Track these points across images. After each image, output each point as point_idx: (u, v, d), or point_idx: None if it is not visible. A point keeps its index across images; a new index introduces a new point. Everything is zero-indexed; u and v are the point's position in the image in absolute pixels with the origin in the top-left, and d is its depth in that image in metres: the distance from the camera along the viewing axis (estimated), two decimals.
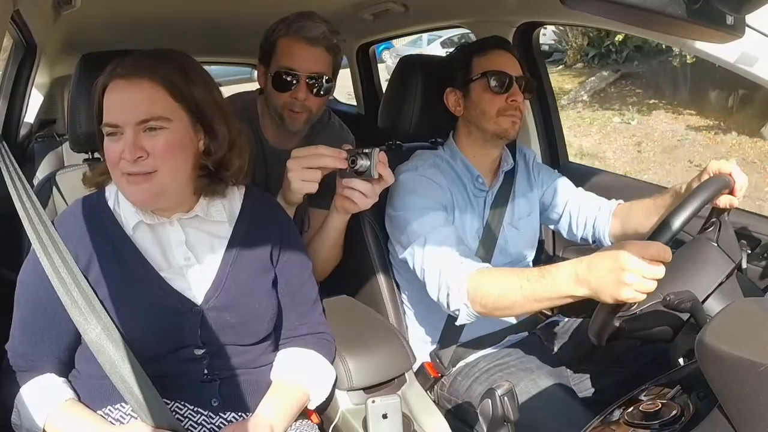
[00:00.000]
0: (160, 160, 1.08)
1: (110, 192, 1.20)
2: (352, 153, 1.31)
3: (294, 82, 1.58)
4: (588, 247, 1.77)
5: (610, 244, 1.65)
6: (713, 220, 1.31)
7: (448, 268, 1.35)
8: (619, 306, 1.11)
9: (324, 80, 1.61)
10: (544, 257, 2.10)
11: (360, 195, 1.33)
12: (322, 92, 1.62)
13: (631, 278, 1.05)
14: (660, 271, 1.05)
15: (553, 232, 2.02)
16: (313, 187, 1.35)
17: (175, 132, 1.09)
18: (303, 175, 1.33)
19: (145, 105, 1.07)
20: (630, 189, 2.03)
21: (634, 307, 1.17)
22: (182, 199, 1.16)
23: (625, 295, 1.06)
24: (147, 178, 1.08)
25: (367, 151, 1.31)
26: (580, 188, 1.75)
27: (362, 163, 1.30)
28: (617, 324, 1.16)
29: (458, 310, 1.33)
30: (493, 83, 1.53)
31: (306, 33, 1.57)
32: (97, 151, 1.43)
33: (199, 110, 1.12)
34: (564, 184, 1.76)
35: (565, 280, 1.16)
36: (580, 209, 1.71)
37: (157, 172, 1.08)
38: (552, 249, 2.14)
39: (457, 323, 1.38)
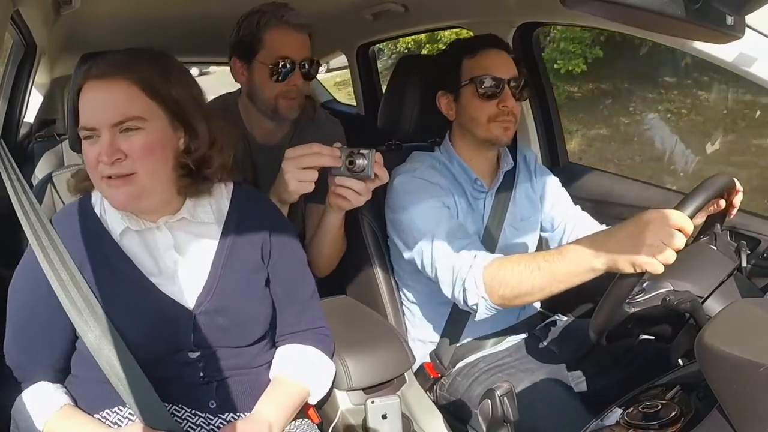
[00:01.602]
0: (138, 161, 1.06)
1: (96, 198, 1.18)
2: (348, 152, 1.31)
3: (290, 70, 1.60)
4: None
5: None
6: (708, 231, 1.30)
7: (460, 262, 1.33)
8: (629, 288, 1.10)
9: (313, 64, 1.65)
10: None
11: (354, 193, 1.34)
12: (312, 75, 1.66)
13: (651, 239, 1.05)
14: (679, 239, 1.05)
15: None
16: (310, 187, 1.35)
17: (153, 132, 1.07)
18: (300, 175, 1.33)
19: (120, 106, 1.05)
20: (631, 189, 2.03)
21: (639, 295, 1.15)
22: (166, 201, 1.14)
23: (644, 256, 1.05)
24: (126, 181, 1.06)
25: (364, 151, 1.30)
26: (578, 206, 1.72)
27: (360, 163, 1.30)
28: (627, 310, 1.15)
29: (476, 304, 1.31)
30: (482, 89, 1.48)
31: (295, 20, 1.60)
32: None
33: (177, 108, 1.10)
34: (564, 196, 1.73)
35: (585, 253, 1.14)
36: (575, 226, 1.68)
37: (136, 174, 1.06)
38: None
39: (476, 319, 1.36)
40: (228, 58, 1.69)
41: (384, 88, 2.79)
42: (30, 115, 3.09)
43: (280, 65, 1.59)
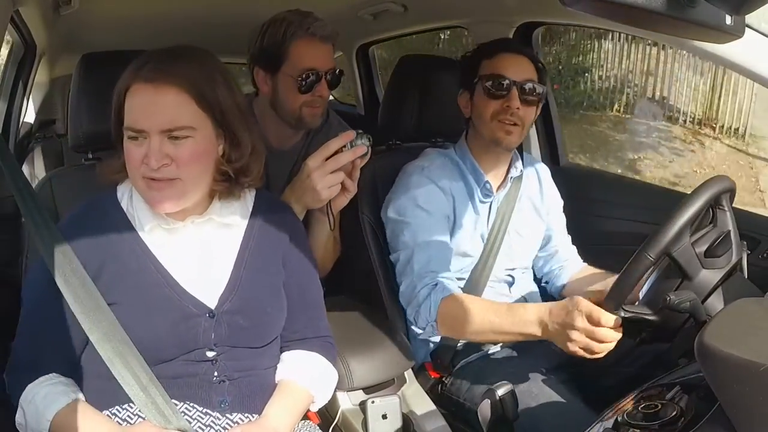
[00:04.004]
0: (183, 167, 1.07)
1: (122, 192, 1.18)
2: (354, 136, 1.33)
3: (316, 81, 1.60)
4: None
5: (557, 295, 1.68)
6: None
7: (422, 287, 1.43)
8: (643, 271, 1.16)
9: (337, 73, 1.65)
10: None
11: (352, 183, 1.36)
12: (335, 84, 1.67)
13: (576, 336, 1.17)
14: (605, 334, 1.15)
15: None
16: (338, 189, 1.35)
17: (200, 140, 1.08)
18: (329, 181, 1.33)
19: (171, 113, 1.05)
20: (630, 189, 2.03)
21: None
22: (198, 202, 1.15)
23: (571, 350, 1.19)
24: (170, 184, 1.07)
25: (360, 132, 1.34)
26: (568, 237, 1.75)
27: (367, 143, 1.34)
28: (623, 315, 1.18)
29: (423, 328, 1.44)
30: (488, 87, 1.51)
31: (321, 32, 1.59)
32: (98, 151, 1.43)
33: (222, 117, 1.11)
34: (558, 224, 1.75)
35: (529, 323, 1.28)
36: (555, 255, 1.72)
37: (179, 180, 1.07)
38: None
39: (419, 337, 1.48)
40: (248, 66, 1.68)
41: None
42: (30, 115, 3.10)
43: (307, 77, 1.59)
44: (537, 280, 1.76)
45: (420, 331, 1.46)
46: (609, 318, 1.14)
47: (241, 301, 1.16)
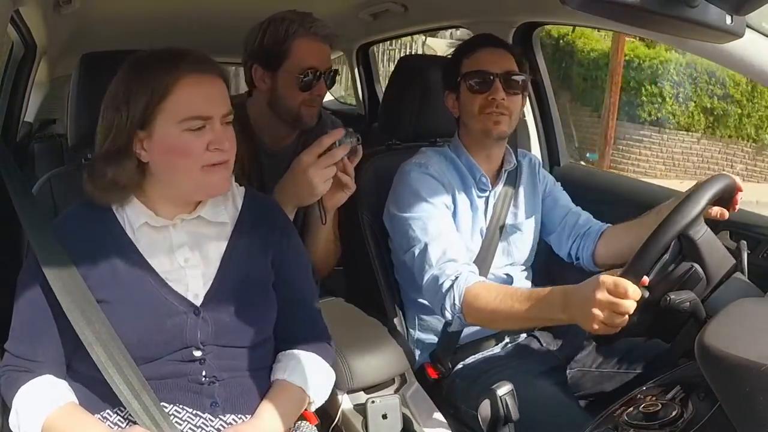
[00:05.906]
0: (230, 150, 1.14)
1: None
2: (345, 133, 1.36)
3: (316, 80, 1.61)
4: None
5: (592, 266, 1.64)
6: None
7: (445, 279, 1.40)
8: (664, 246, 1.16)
9: (332, 73, 1.66)
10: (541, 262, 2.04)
11: (349, 179, 1.38)
12: (332, 84, 1.68)
13: (599, 312, 1.11)
14: (629, 306, 1.10)
15: None
16: (330, 184, 1.37)
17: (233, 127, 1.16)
18: (324, 175, 1.35)
19: (225, 99, 1.14)
20: (630, 189, 2.03)
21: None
22: (189, 200, 1.17)
23: (595, 327, 1.13)
24: (225, 166, 1.13)
25: (349, 131, 1.37)
26: (578, 207, 1.73)
27: (356, 141, 1.37)
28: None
29: (450, 320, 1.42)
30: (471, 83, 1.54)
31: (322, 31, 1.61)
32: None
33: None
34: (565, 199, 1.74)
35: (551, 306, 1.24)
36: (574, 226, 1.69)
37: (229, 161, 1.14)
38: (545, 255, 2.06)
39: (449, 329, 1.46)
40: (244, 64, 1.67)
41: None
42: (30, 115, 3.10)
43: (307, 75, 1.59)
44: (569, 262, 1.72)
45: (450, 323, 1.46)
46: (636, 289, 1.11)
47: (227, 299, 1.16)
